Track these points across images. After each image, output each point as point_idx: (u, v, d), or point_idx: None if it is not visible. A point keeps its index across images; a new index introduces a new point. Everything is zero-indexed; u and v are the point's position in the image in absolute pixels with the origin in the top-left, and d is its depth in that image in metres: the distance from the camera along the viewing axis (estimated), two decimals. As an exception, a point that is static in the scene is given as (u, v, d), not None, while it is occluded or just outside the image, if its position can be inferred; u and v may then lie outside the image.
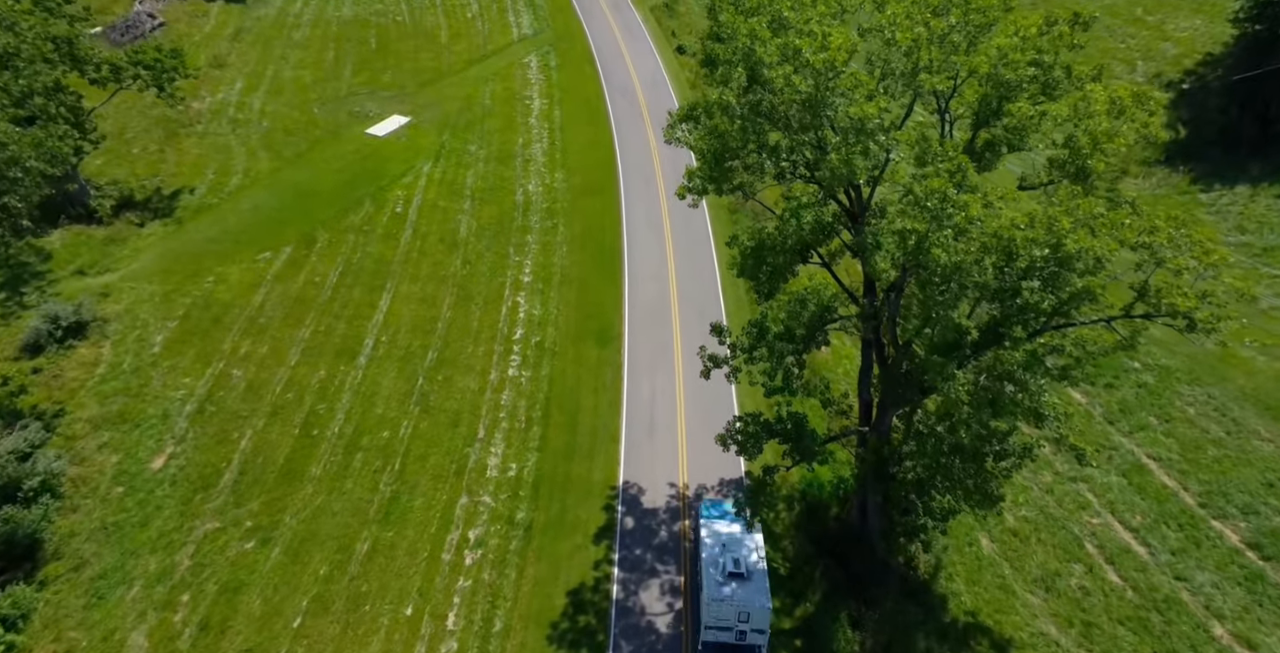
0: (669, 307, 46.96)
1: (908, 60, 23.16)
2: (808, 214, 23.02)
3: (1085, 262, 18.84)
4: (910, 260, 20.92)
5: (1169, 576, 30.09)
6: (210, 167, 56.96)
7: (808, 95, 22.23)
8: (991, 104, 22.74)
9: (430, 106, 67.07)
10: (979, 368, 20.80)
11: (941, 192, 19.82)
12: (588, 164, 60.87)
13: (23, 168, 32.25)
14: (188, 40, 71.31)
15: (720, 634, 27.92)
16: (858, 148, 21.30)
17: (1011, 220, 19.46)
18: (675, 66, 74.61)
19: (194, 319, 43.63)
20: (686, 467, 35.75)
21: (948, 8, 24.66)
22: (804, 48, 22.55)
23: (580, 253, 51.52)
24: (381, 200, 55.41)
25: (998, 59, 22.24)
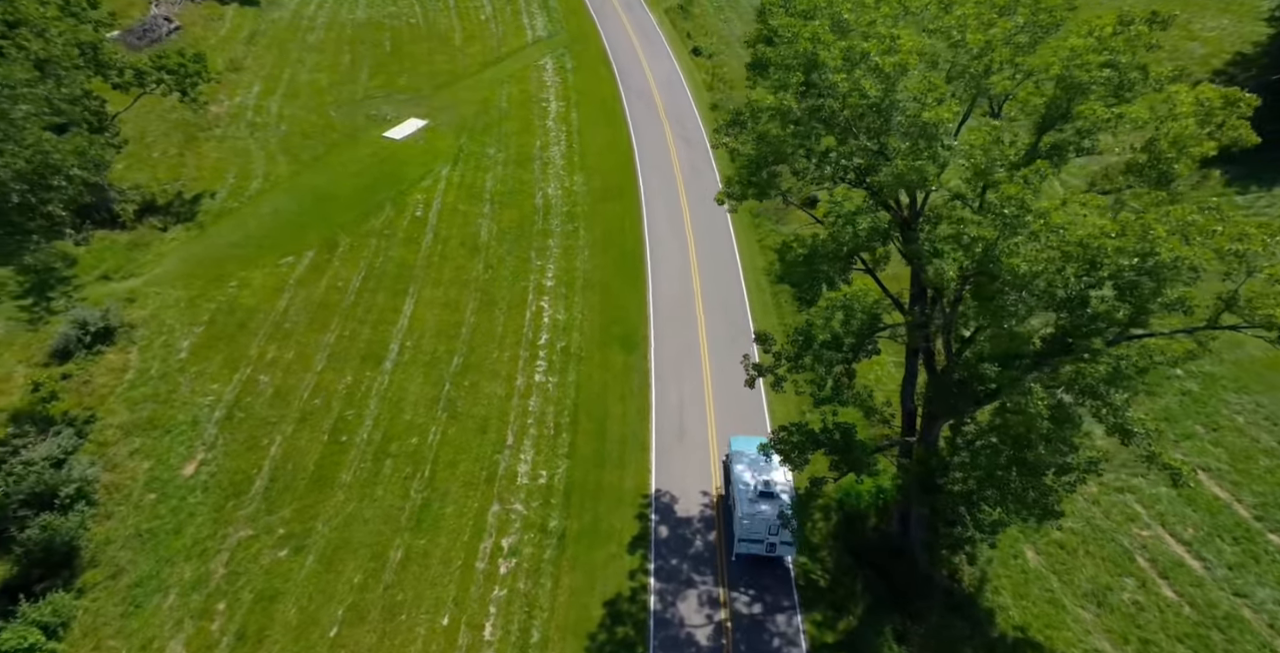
0: (694, 311, 46.87)
1: (979, 63, 22.91)
2: (864, 221, 22.82)
3: (1181, 271, 18.45)
4: (977, 268, 20.60)
5: (1227, 591, 29.56)
6: (230, 170, 56.93)
7: (876, 100, 22.04)
8: (1061, 106, 22.30)
9: (447, 109, 67.01)
10: (1056, 381, 20.53)
11: (1019, 198, 19.52)
12: (607, 167, 60.80)
13: (66, 176, 32.21)
14: (203, 43, 71.20)
15: (752, 547, 31.30)
16: (927, 153, 21.12)
17: (1101, 228, 18.95)
18: (691, 68, 74.51)
19: (219, 324, 43.61)
20: (720, 476, 35.66)
21: (1014, 7, 24.49)
22: (872, 51, 22.32)
23: (602, 257, 51.44)
24: (401, 204, 55.35)
25: (1070, 60, 21.86)
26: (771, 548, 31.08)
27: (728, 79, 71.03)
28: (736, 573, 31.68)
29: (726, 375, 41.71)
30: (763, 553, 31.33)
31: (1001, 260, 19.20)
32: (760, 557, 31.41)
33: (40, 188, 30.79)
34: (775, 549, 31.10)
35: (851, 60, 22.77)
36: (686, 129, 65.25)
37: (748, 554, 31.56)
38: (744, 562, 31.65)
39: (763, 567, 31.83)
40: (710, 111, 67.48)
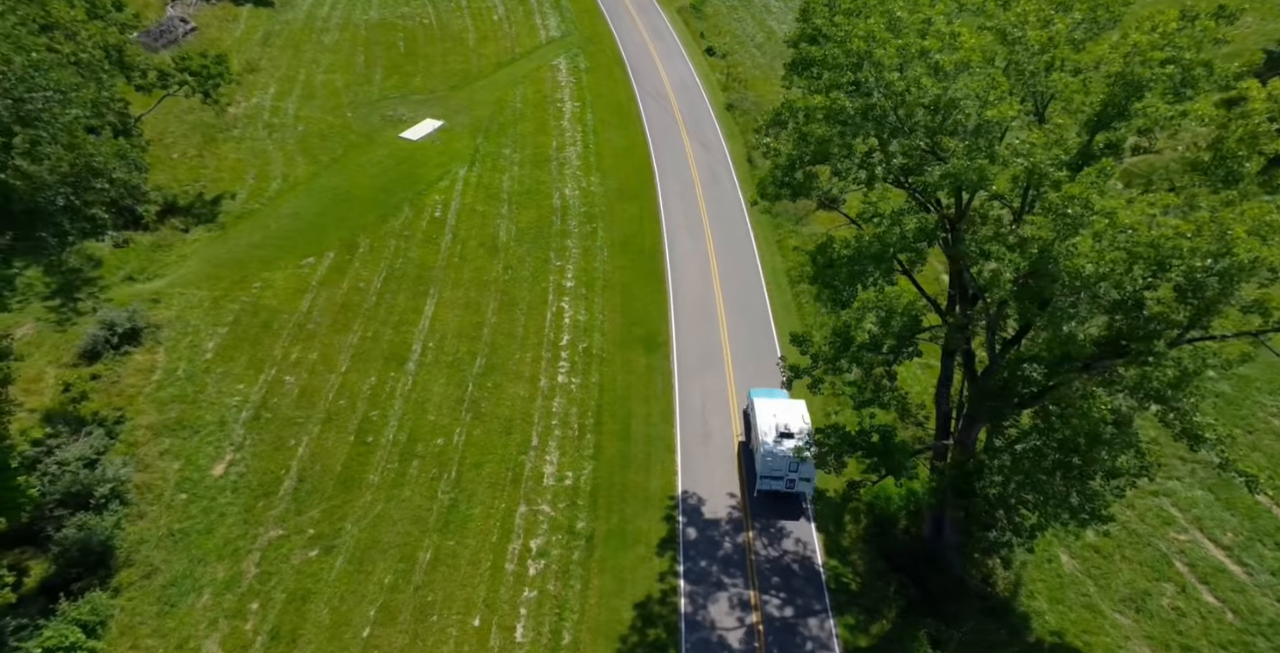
0: (715, 311, 46.97)
1: (1039, 60, 22.82)
2: (910, 221, 22.78)
3: (1259, 271, 18.12)
4: (1031, 269, 20.46)
5: (1271, 598, 29.34)
6: (250, 171, 57.12)
7: (935, 98, 21.98)
8: (1119, 103, 22.07)
9: (462, 110, 67.14)
10: (1118, 385, 20.42)
11: (1084, 198, 19.40)
12: (623, 167, 60.90)
13: (109, 178, 32.45)
14: (219, 45, 71.42)
15: (773, 483, 33.80)
16: (986, 153, 21.05)
17: (1176, 228, 18.72)
18: (705, 68, 74.52)
19: (244, 325, 43.79)
20: (746, 477, 35.78)
21: (1071, 2, 24.40)
22: (933, 48, 22.23)
23: (621, 257, 51.55)
24: (420, 205, 55.50)
25: (1133, 56, 21.65)
26: (791, 484, 33.60)
27: (742, 79, 71.05)
28: (757, 508, 34.33)
29: (750, 376, 41.82)
30: (782, 489, 33.81)
31: (1060, 262, 19.10)
32: (780, 493, 33.98)
33: (84, 190, 31.03)
34: (795, 486, 33.62)
35: (907, 58, 22.71)
36: (702, 130, 65.30)
37: (769, 490, 34.01)
38: (766, 504, 34.16)
39: (784, 507, 34.23)
40: (725, 112, 67.55)
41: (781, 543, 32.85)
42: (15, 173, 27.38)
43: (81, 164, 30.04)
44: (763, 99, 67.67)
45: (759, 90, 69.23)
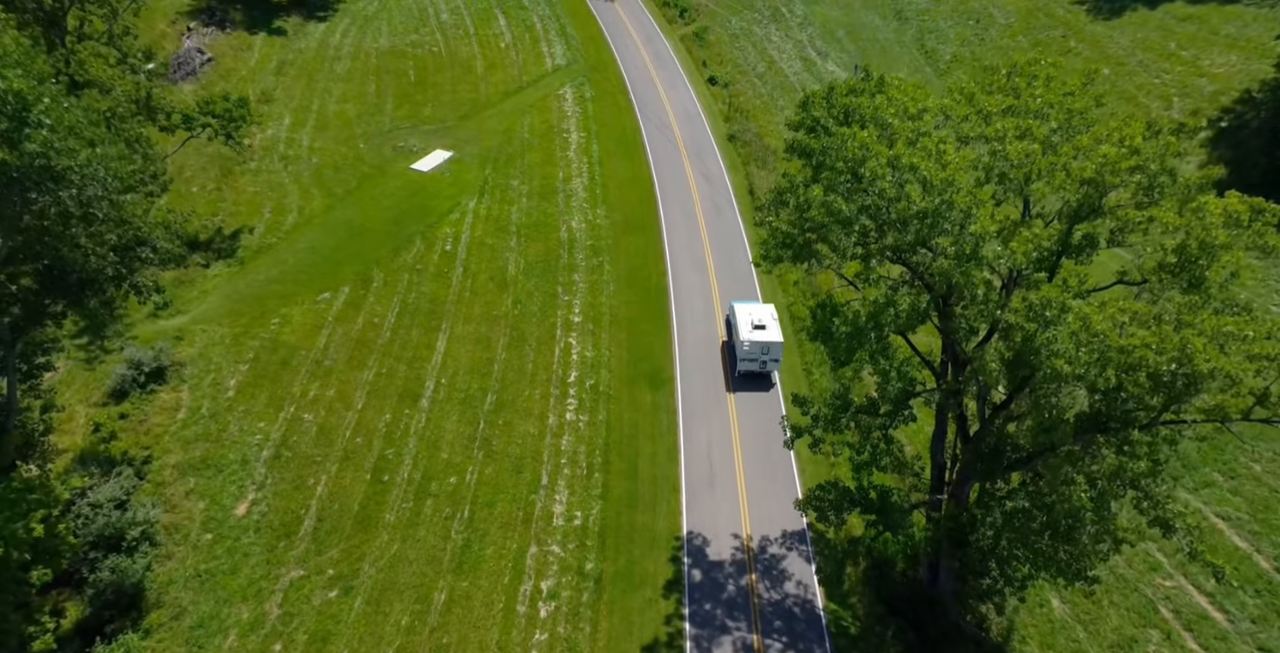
0: (718, 349, 47.98)
1: (1019, 171, 23.90)
2: (904, 301, 23.82)
3: (1217, 379, 19.29)
4: (1016, 356, 21.50)
5: (1252, 646, 30.15)
6: (266, 205, 58.19)
7: (923, 210, 23.02)
8: (1093, 202, 23.26)
9: (471, 140, 68.17)
10: (1097, 471, 21.45)
11: (1060, 302, 20.47)
12: (628, 199, 61.92)
13: (153, 247, 33.54)
14: (234, 75, 72.57)
15: (749, 365, 44.20)
16: (972, 261, 22.04)
17: (1143, 339, 19.67)
18: (708, 98, 75.55)
19: (263, 362, 44.83)
20: (749, 518, 36.79)
21: (1047, 112, 25.47)
22: (921, 166, 23.18)
23: (627, 292, 52.57)
24: (431, 238, 56.53)
25: (1103, 167, 22.83)
26: (763, 365, 44.19)
27: (744, 109, 72.08)
28: (739, 385, 44.82)
29: (752, 417, 42.84)
30: (757, 370, 44.37)
31: (1043, 357, 20.17)
32: (755, 372, 44.48)
33: (130, 259, 32.17)
34: (766, 366, 44.25)
35: (899, 168, 23.78)
36: (705, 162, 66.33)
37: (746, 371, 44.47)
38: (743, 384, 44.69)
39: (758, 387, 44.70)
40: (728, 143, 68.57)
41: (784, 585, 33.87)
42: (74, 249, 28.58)
43: (130, 236, 31.13)
44: (764, 130, 68.75)
45: (760, 121, 70.28)
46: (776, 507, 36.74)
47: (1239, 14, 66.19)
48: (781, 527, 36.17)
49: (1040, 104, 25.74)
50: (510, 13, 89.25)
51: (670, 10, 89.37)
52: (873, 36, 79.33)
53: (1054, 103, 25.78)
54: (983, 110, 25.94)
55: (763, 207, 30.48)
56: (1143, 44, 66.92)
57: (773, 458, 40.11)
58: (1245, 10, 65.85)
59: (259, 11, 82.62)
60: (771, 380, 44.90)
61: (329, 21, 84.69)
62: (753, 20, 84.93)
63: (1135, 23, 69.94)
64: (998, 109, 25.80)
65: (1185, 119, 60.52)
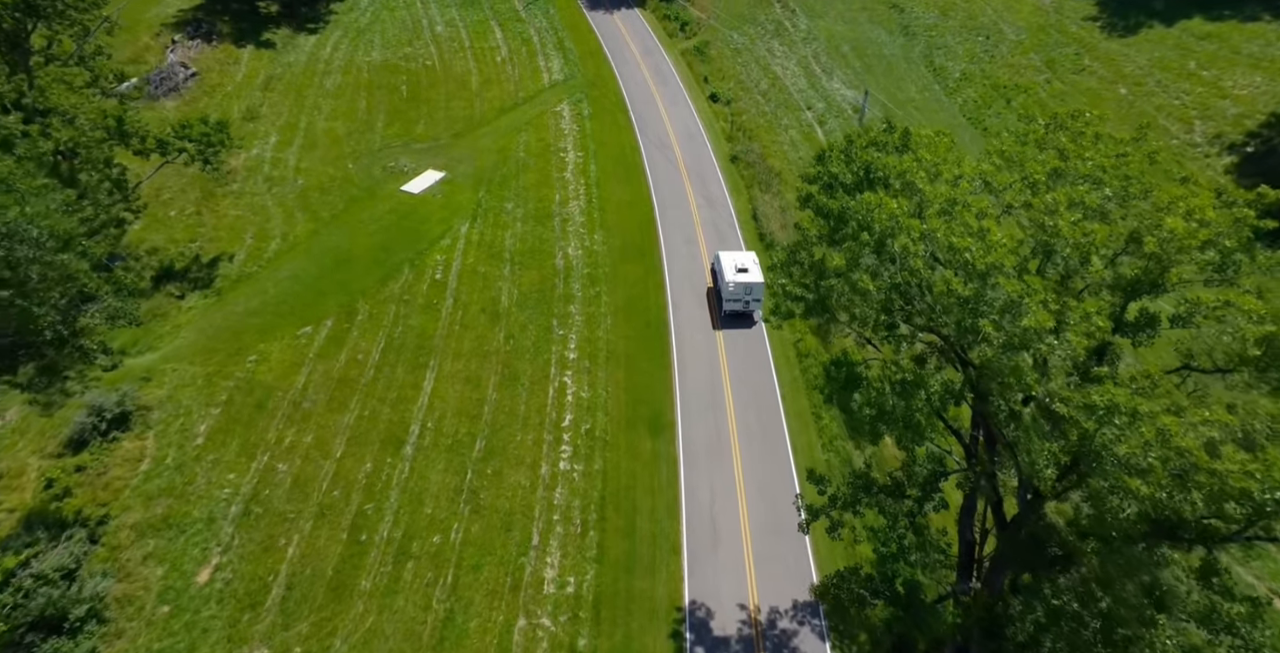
0: (721, 389, 44.68)
1: (1076, 252, 20.51)
2: (934, 382, 20.53)
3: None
4: (1076, 456, 18.16)
5: None
6: (248, 230, 54.83)
7: (966, 299, 19.68)
8: (1153, 275, 19.89)
9: (464, 160, 64.87)
10: (1176, 601, 18.10)
11: (1130, 408, 17.04)
12: (627, 223, 58.62)
13: (99, 307, 30.21)
14: (220, 90, 69.23)
15: (734, 305, 47.93)
16: (1020, 356, 18.63)
17: (1242, 464, 16.24)
18: (709, 115, 72.27)
19: (237, 405, 41.47)
20: (756, 585, 33.48)
21: (1100, 176, 22.15)
22: (961, 246, 19.75)
23: (625, 325, 49.26)
24: (420, 266, 53.21)
25: (1168, 241, 19.48)
26: (747, 305, 47.84)
27: (747, 128, 68.82)
28: (726, 322, 48.80)
29: (758, 468, 39.53)
30: (741, 309, 48.08)
31: (1107, 465, 16.77)
32: (740, 312, 48.50)
33: (72, 321, 28.89)
34: (749, 306, 47.97)
35: (932, 242, 20.48)
36: (706, 184, 63.03)
37: (731, 311, 48.39)
38: (730, 323, 48.48)
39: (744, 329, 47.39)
40: (730, 164, 65.29)
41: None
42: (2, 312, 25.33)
43: (73, 293, 27.84)
44: (767, 151, 65.51)
45: (763, 140, 67.02)
46: (786, 573, 33.45)
47: (1261, 32, 63.03)
48: (792, 596, 32.86)
49: (1091, 167, 22.37)
50: (507, 25, 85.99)
51: (671, 24, 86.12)
52: (879, 52, 76.12)
53: (1107, 167, 22.39)
54: (1028, 177, 22.49)
55: (774, 266, 27.16)
56: (1160, 63, 63.69)
57: (781, 519, 36.78)
58: (1268, 28, 62.70)
59: (248, 23, 79.35)
60: (754, 319, 48.71)
61: (320, 34, 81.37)
62: (755, 35, 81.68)
63: (1151, 41, 66.79)
64: (1043, 173, 22.39)
65: (1208, 143, 57.72)
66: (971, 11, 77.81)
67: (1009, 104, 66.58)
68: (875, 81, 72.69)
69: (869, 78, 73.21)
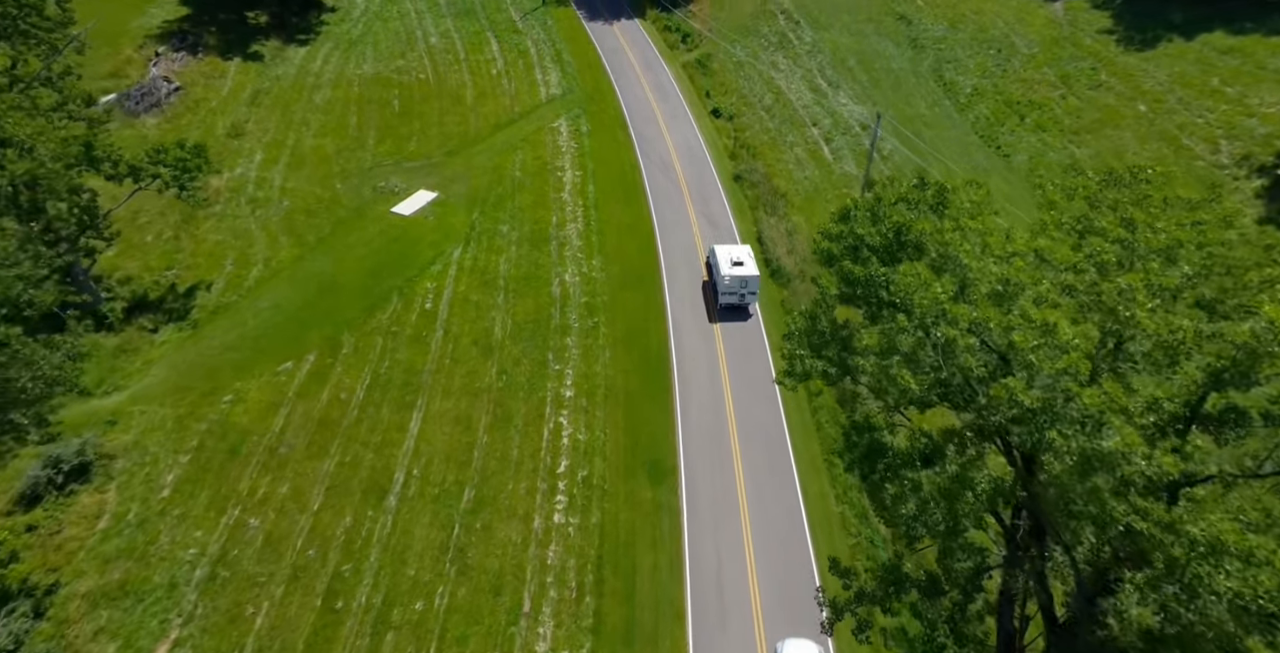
0: (727, 432, 41.48)
1: (1162, 350, 17.23)
2: (981, 479, 17.28)
3: None
4: (1165, 575, 14.95)
5: None
6: (229, 255, 51.61)
7: (1029, 407, 16.42)
8: (1240, 366, 16.72)
9: (458, 179, 61.70)
10: None
11: (1245, 551, 13.65)
12: (627, 248, 55.42)
13: (34, 377, 26.96)
14: (204, 105, 66.03)
15: (730, 298, 47.38)
16: (1099, 478, 15.47)
17: None
18: (711, 132, 69.13)
19: (208, 451, 38.25)
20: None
21: (1175, 251, 18.78)
22: (1023, 345, 16.43)
23: (625, 359, 46.05)
24: (410, 294, 50.01)
25: (1266, 333, 16.25)
26: (742, 298, 47.40)
27: (751, 145, 65.67)
28: (723, 315, 48.53)
29: (767, 523, 36.29)
30: (736, 302, 47.65)
31: (1206, 603, 13.66)
32: (735, 305, 48.04)
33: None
34: (744, 299, 47.55)
35: (984, 332, 17.26)
36: (709, 204, 59.86)
37: (727, 304, 47.91)
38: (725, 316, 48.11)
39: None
40: (733, 183, 62.15)
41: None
42: None
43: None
44: (772, 170, 62.33)
45: (768, 159, 63.85)
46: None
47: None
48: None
49: (1166, 240, 19.05)
50: (504, 36, 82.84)
51: (671, 35, 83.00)
52: (886, 66, 73.00)
53: (1184, 239, 19.05)
54: (1094, 255, 19.08)
55: (789, 334, 23.98)
56: (1181, 79, 60.56)
57: (794, 582, 33.55)
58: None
59: (235, 34, 76.24)
60: (750, 312, 48.43)
61: (310, 45, 78.22)
62: (758, 47, 78.54)
63: (1171, 55, 63.70)
64: (1113, 253, 18.92)
65: (1235, 164, 54.58)
66: (982, 24, 74.70)
67: (1023, 121, 63.45)
68: (883, 96, 69.57)
69: (876, 92, 70.08)
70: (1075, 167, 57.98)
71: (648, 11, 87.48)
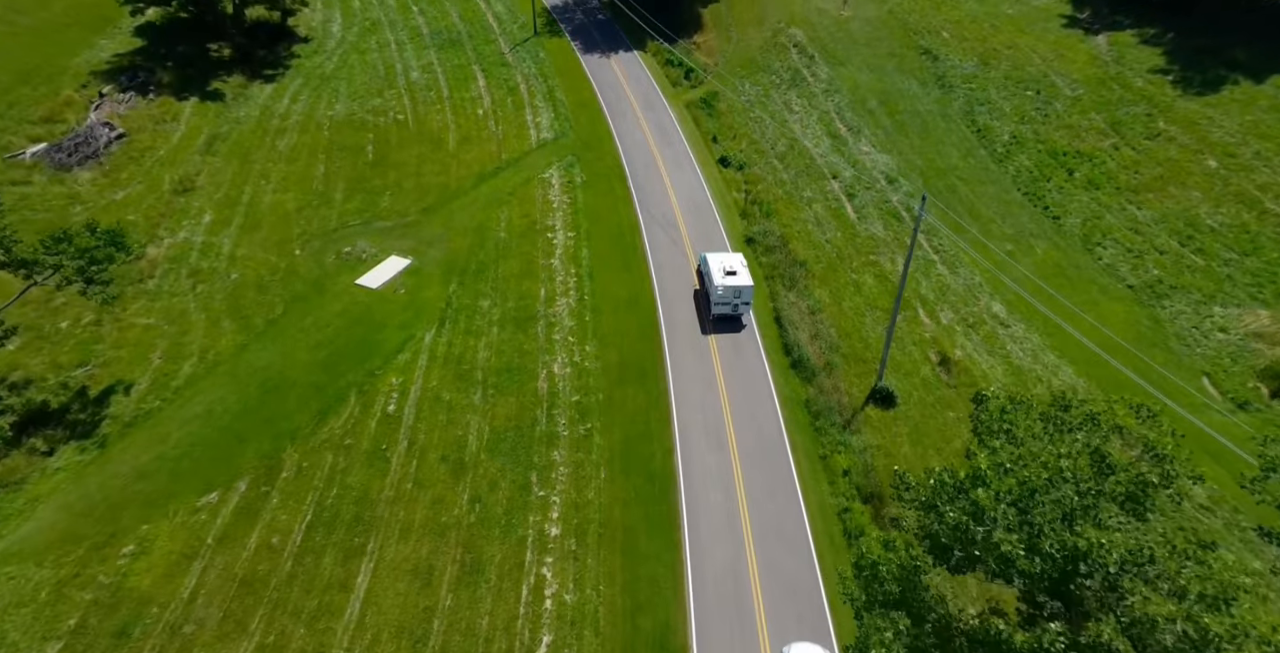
0: (748, 587, 32.63)
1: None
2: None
3: None
4: None
5: None
6: (158, 345, 42.69)
7: None
8: None
9: (435, 242, 52.87)
10: None
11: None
12: (626, 329, 46.58)
13: None
14: (151, 155, 57.14)
15: (723, 308, 44.34)
16: None
17: None
18: (720, 183, 60.31)
19: (89, 635, 29.26)
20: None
21: None
22: None
23: (623, 480, 37.18)
24: (372, 392, 41.16)
25: None
26: (735, 308, 44.29)
27: (764, 201, 56.87)
28: (717, 326, 44.67)
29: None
30: (729, 312, 44.46)
31: None
32: (728, 315, 44.88)
33: None
34: (738, 309, 44.38)
35: None
36: (720, 274, 51.01)
37: (720, 314, 44.71)
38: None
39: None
40: (745, 246, 53.37)
41: None
42: None
43: None
44: (788, 232, 53.52)
45: (783, 219, 55.04)
46: None
47: (1371, 95, 51.52)
48: None
49: None
50: (491, 71, 74.02)
51: (674, 70, 74.22)
52: (911, 107, 64.38)
53: None
54: None
55: (849, 592, 15.48)
56: (1255, 129, 52.01)
57: None
58: (1381, 91, 51.19)
59: (195, 70, 67.38)
60: (743, 322, 45.63)
61: (278, 82, 69.37)
62: (769, 84, 69.79)
63: (1239, 100, 55.19)
64: None
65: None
66: (1016, 60, 66.07)
67: (1071, 176, 54.76)
68: (909, 143, 60.89)
69: (902, 139, 61.39)
70: (1138, 230, 49.37)
71: (648, 43, 78.72)
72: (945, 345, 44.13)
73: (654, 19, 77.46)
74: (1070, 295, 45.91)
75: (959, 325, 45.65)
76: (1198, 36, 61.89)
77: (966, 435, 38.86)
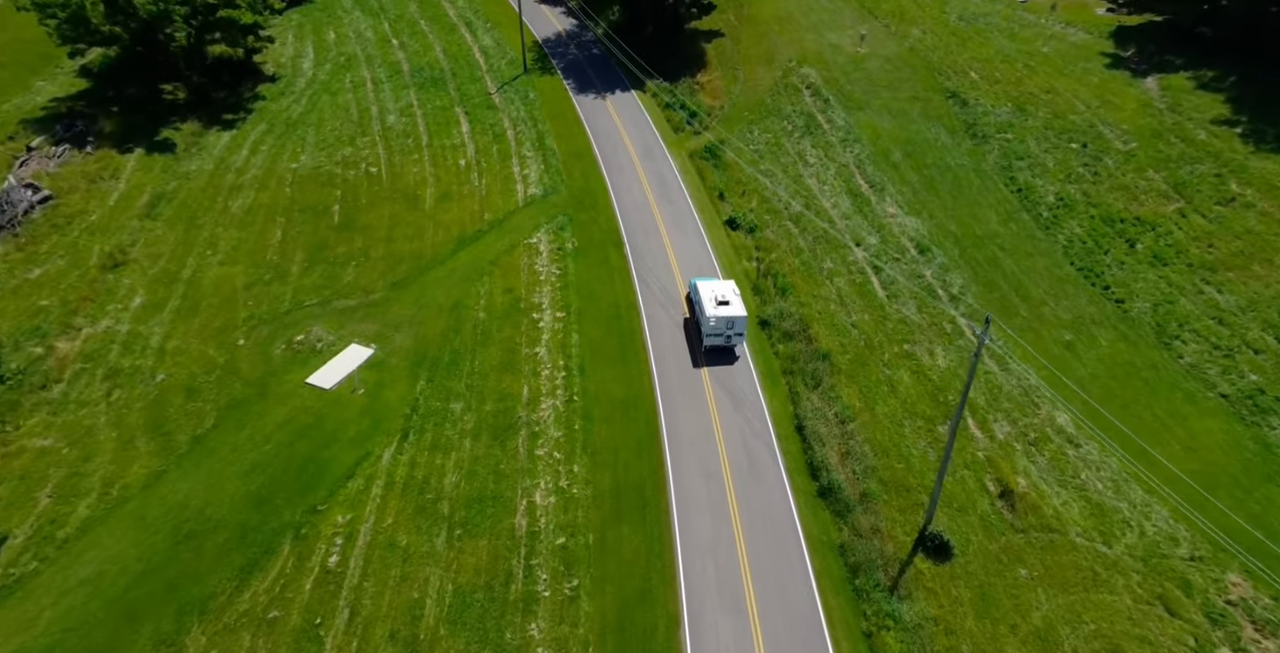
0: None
1: None
2: None
3: None
4: None
5: None
6: (50, 478, 34.21)
7: None
8: None
9: (404, 325, 44.47)
10: None
11: None
12: (622, 441, 38.17)
13: None
14: (80, 221, 48.72)
15: (715, 339, 41.38)
16: None
17: None
18: (728, 249, 51.89)
19: None
20: None
21: None
22: None
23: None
24: (311, 538, 32.76)
25: None
26: (728, 340, 41.39)
27: (778, 273, 48.45)
28: (709, 359, 41.44)
29: None
30: (722, 344, 41.52)
31: None
32: (721, 346, 41.60)
33: None
34: (731, 340, 41.46)
35: None
36: (730, 371, 42.61)
37: (712, 346, 41.58)
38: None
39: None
40: (759, 331, 44.98)
41: None
42: None
43: None
44: (808, 313, 45.15)
45: (802, 294, 46.62)
46: None
47: None
48: None
49: None
50: (476, 114, 65.63)
51: (676, 114, 65.83)
52: (941, 160, 56.17)
53: None
54: None
55: None
56: None
57: None
58: None
59: (143, 115, 58.98)
60: (736, 353, 42.20)
61: (238, 128, 60.98)
62: (781, 131, 61.47)
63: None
64: None
65: None
66: (1056, 106, 57.82)
67: (1133, 248, 46.47)
68: (941, 204, 52.63)
69: (932, 198, 53.11)
70: (1223, 320, 41.03)
71: (646, 82, 70.39)
72: (1004, 470, 35.76)
73: (653, 55, 69.16)
74: (1151, 405, 37.61)
75: (1018, 442, 37.28)
76: (1266, 81, 53.71)
77: (1047, 604, 30.49)
